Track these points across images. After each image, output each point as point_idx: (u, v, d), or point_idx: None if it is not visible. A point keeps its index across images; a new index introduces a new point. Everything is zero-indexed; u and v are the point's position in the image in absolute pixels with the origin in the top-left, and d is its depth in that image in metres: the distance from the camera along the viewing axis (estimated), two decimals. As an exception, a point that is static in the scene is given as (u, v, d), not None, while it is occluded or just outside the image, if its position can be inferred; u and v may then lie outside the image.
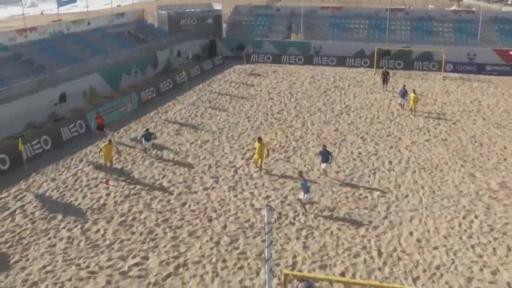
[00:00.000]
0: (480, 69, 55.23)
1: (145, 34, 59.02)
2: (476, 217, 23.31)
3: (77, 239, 21.27)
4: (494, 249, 20.65)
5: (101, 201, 24.75)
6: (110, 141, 27.62)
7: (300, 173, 24.70)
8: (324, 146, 27.85)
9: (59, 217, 23.17)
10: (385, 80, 46.68)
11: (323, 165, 27.30)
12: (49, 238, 21.32)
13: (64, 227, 22.25)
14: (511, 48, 56.36)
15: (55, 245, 20.84)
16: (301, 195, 23.54)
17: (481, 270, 19.23)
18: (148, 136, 30.74)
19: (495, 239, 21.41)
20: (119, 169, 28.25)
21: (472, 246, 20.81)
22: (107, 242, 21.04)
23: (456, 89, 47.80)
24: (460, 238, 21.49)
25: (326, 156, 27.04)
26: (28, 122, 35.19)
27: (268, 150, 28.32)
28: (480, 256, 20.12)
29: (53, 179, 27.40)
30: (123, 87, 46.77)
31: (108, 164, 27.46)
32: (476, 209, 24.10)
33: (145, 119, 38.09)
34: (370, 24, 64.78)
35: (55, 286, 18.20)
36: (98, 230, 22.01)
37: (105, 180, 26.91)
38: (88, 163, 29.51)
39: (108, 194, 25.44)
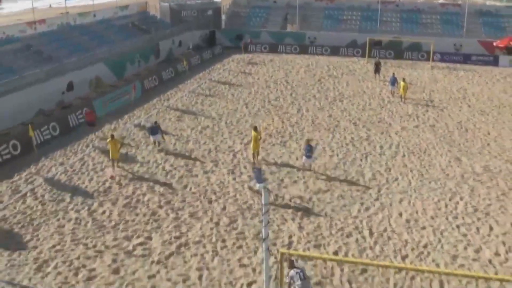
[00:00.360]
0: (466, 59, 55.09)
1: (148, 25, 58.71)
2: (461, 198, 23.37)
3: (85, 220, 21.31)
4: (477, 228, 20.74)
5: (107, 184, 24.74)
6: (112, 136, 25.99)
7: (254, 164, 24.01)
8: (308, 140, 26.71)
9: (67, 199, 23.21)
10: (377, 70, 46.55)
11: (308, 161, 25.89)
12: (58, 219, 21.36)
13: (72, 209, 22.29)
14: (495, 40, 56.26)
15: (63, 225, 20.89)
16: (252, 183, 23.57)
17: (465, 248, 19.32)
18: (155, 129, 29.14)
19: (479, 219, 21.49)
20: (123, 154, 28.17)
21: (457, 226, 20.89)
22: (113, 223, 21.08)
23: (443, 78, 47.71)
24: (446, 218, 21.57)
25: (309, 150, 25.74)
26: (37, 110, 35.10)
27: (261, 137, 28.04)
28: (465, 235, 20.21)
29: (61, 164, 27.38)
30: (127, 76, 46.63)
31: (115, 161, 26.06)
32: (462, 191, 24.16)
33: (148, 106, 37.99)
34: (362, 16, 64.50)
35: (64, 264, 18.27)
36: (104, 212, 22.05)
37: (110, 175, 25.50)
38: (94, 148, 29.47)
39: (113, 178, 25.45)
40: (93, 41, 47.91)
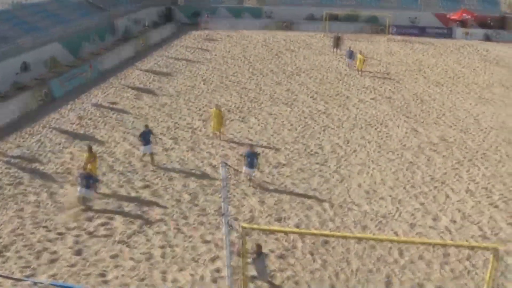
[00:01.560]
0: (422, 32, 55.95)
1: (103, 3, 57.37)
2: (418, 168, 23.83)
3: (44, 203, 20.93)
4: (434, 197, 21.20)
5: (65, 165, 24.30)
6: (90, 148, 22.47)
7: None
8: (250, 146, 23.47)
9: (26, 182, 22.68)
10: (336, 44, 46.70)
11: (250, 171, 22.10)
12: (17, 203, 20.89)
13: (31, 192, 21.81)
14: (450, 12, 57.06)
15: (23, 209, 20.43)
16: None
17: (423, 216, 19.74)
18: (147, 136, 24.31)
19: (435, 187, 21.98)
20: (81, 134, 27.75)
21: (415, 195, 21.32)
22: (73, 204, 20.79)
23: (400, 50, 48.29)
24: (404, 188, 21.97)
25: (252, 159, 22.12)
26: (-9, 91, 34.23)
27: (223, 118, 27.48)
28: (422, 204, 20.64)
29: (18, 146, 26.72)
30: (83, 54, 45.70)
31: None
32: (419, 161, 24.62)
33: (105, 85, 37.38)
34: (319, -11, 64.62)
35: (25, 247, 17.91)
36: (64, 193, 21.71)
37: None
38: (51, 129, 28.90)
39: (72, 159, 24.97)
40: (47, 20, 46.63)
